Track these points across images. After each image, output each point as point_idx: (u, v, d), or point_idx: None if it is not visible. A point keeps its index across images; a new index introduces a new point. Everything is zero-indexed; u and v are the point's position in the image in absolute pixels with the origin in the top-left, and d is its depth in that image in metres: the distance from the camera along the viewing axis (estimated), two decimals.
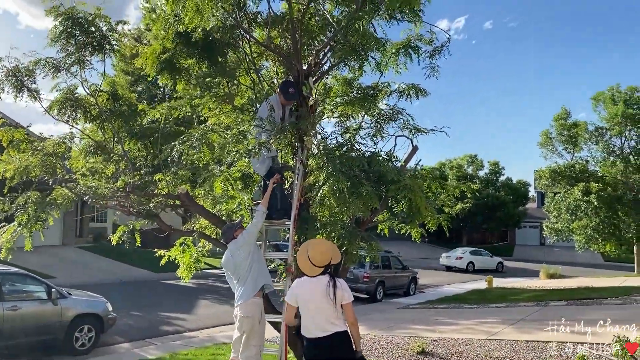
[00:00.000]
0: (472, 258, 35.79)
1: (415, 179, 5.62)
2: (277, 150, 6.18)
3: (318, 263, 4.23)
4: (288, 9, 6.19)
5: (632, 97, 30.63)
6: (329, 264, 4.25)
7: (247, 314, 5.46)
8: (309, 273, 4.29)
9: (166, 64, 6.93)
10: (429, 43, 7.39)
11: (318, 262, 4.23)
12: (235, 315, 5.59)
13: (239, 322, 5.50)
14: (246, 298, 5.49)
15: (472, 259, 35.64)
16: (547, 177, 32.41)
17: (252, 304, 5.50)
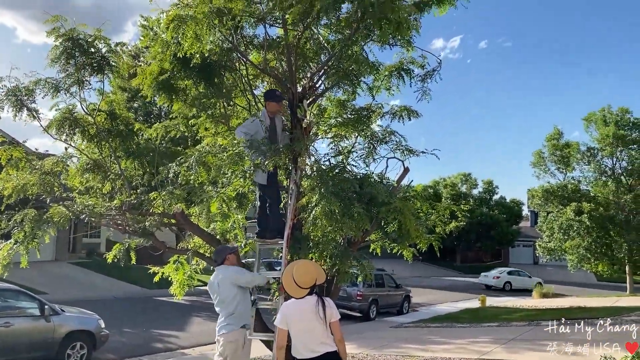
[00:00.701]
0: (510, 278, 36.21)
1: (406, 201, 5.75)
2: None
3: (303, 284, 4.31)
4: (284, 34, 6.36)
5: (623, 118, 31.08)
6: (314, 285, 4.33)
7: (229, 339, 5.54)
8: (295, 295, 4.37)
9: (163, 84, 7.06)
10: (421, 67, 7.58)
11: (303, 283, 4.31)
12: (217, 339, 5.66)
13: (222, 346, 5.57)
14: (228, 330, 5.57)
15: (509, 279, 36.07)
16: (540, 196, 32.70)
17: (236, 333, 5.57)
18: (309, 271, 4.36)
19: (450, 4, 7.06)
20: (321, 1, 5.05)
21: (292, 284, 4.34)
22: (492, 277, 36.54)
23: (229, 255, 5.84)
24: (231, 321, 5.57)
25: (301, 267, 4.43)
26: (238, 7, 5.64)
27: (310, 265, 4.52)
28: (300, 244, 5.91)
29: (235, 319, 5.57)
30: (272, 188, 6.29)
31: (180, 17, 5.44)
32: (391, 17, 5.07)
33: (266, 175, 6.07)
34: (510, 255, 58.70)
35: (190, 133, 7.35)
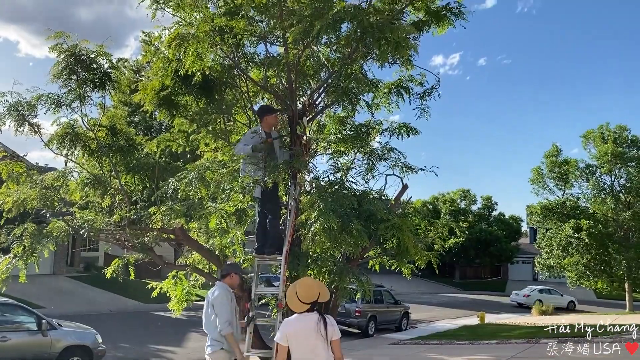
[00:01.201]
0: (540, 296, 35.55)
1: (405, 219, 5.77)
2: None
3: (304, 299, 4.31)
4: (284, 53, 6.44)
5: (621, 135, 31.23)
6: (316, 301, 4.32)
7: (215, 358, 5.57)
8: (296, 309, 4.36)
9: (164, 100, 7.13)
10: (419, 84, 7.67)
11: (304, 297, 4.31)
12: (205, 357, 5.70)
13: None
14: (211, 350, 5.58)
15: (540, 297, 35.38)
16: (539, 213, 32.71)
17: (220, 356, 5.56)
18: (312, 287, 4.36)
19: (449, 24, 7.15)
20: (321, 21, 5.12)
21: (294, 297, 4.34)
22: (523, 295, 35.92)
23: (233, 274, 5.81)
24: (212, 342, 5.59)
25: (305, 282, 4.43)
26: (239, 26, 5.71)
27: (314, 281, 4.52)
28: (299, 260, 5.91)
29: (218, 340, 5.56)
30: (272, 204, 6.31)
31: (182, 35, 5.51)
32: (390, 38, 5.14)
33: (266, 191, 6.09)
34: (510, 271, 58.52)
35: (190, 148, 7.39)
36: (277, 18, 5.83)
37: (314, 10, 5.37)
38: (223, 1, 6.28)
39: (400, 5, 6.94)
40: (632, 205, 30.78)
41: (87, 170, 6.95)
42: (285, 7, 5.78)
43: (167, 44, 5.66)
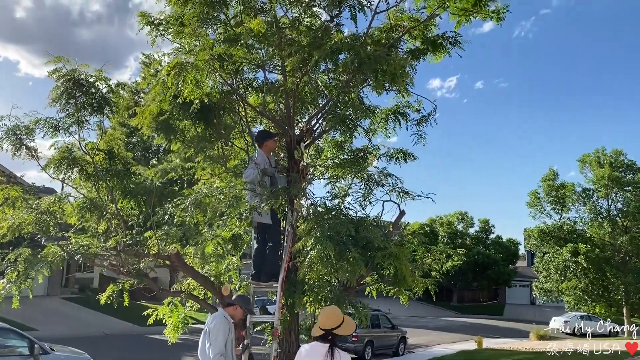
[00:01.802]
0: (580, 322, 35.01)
1: (402, 247, 5.75)
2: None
3: (321, 324, 4.21)
4: (283, 80, 6.49)
5: (617, 160, 31.41)
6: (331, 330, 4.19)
7: None
8: (313, 332, 4.30)
9: (162, 124, 7.14)
10: (416, 111, 7.72)
11: (322, 323, 4.21)
12: None
13: None
14: None
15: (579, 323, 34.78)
16: (536, 236, 32.71)
17: None
18: (331, 315, 4.24)
19: (446, 53, 7.24)
20: (319, 52, 5.18)
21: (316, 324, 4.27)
22: (562, 322, 35.35)
23: (239, 307, 5.67)
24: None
25: (328, 309, 4.35)
26: (239, 54, 5.76)
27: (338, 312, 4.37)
28: (295, 287, 5.88)
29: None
30: (274, 230, 6.26)
31: (181, 64, 5.55)
32: (387, 69, 5.19)
33: (269, 216, 6.05)
34: (507, 295, 58.22)
35: (187, 176, 7.39)
36: (276, 47, 5.89)
37: (312, 39, 5.43)
38: (222, 29, 6.35)
39: (397, 33, 7.03)
40: (629, 230, 30.81)
41: (83, 195, 6.92)
42: (284, 36, 5.85)
43: (166, 72, 5.69)
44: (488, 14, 7.39)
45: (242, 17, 6.13)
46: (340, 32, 5.99)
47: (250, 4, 6.20)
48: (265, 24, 5.51)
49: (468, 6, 7.28)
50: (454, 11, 7.33)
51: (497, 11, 7.32)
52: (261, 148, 6.42)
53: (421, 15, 7.24)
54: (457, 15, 7.39)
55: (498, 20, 7.43)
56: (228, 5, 6.17)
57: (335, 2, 5.58)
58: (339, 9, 5.78)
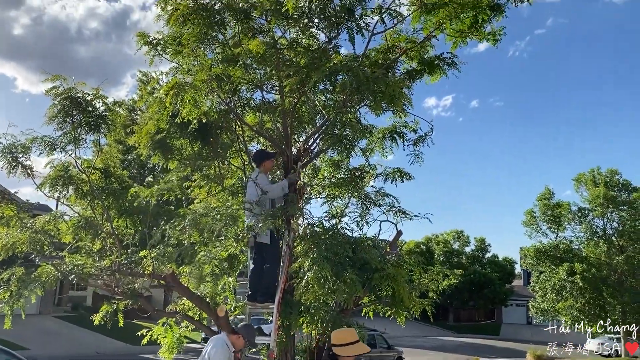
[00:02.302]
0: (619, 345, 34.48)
1: (399, 268, 5.71)
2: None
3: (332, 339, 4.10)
4: (280, 100, 6.51)
5: (612, 179, 31.51)
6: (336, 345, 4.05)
7: None
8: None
9: (159, 143, 7.13)
10: (413, 131, 7.75)
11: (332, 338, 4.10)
12: None
13: None
14: None
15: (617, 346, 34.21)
16: (532, 256, 32.59)
17: None
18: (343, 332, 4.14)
19: (442, 74, 7.29)
20: (317, 73, 5.20)
21: None
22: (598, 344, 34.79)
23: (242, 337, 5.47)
24: None
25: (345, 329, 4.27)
26: (237, 74, 5.78)
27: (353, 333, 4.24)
28: (292, 308, 5.81)
29: None
30: (273, 250, 6.20)
31: (180, 84, 5.56)
32: (385, 91, 5.21)
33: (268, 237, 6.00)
34: (504, 314, 57.90)
35: (184, 196, 7.36)
36: (274, 67, 5.91)
37: (310, 60, 5.46)
38: (221, 49, 6.38)
39: (394, 54, 7.08)
40: (625, 249, 30.77)
41: (79, 214, 6.88)
42: (282, 57, 5.88)
43: (164, 92, 5.70)
44: (484, 36, 7.45)
45: (241, 37, 6.16)
46: (338, 54, 6.03)
47: (249, 25, 6.24)
48: (264, 45, 5.54)
49: (464, 28, 7.35)
50: (450, 33, 7.39)
51: (493, 33, 7.38)
52: (259, 168, 6.40)
53: (418, 37, 7.30)
54: (454, 36, 7.46)
55: (494, 41, 7.49)
56: (226, 25, 6.21)
57: (334, 24, 5.63)
58: (337, 30, 5.83)
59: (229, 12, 6.12)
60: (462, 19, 7.17)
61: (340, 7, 5.61)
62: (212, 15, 5.96)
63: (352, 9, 5.60)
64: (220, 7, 6.19)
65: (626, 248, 30.90)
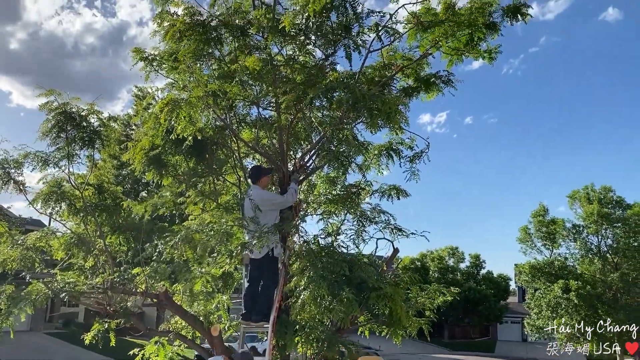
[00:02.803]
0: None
1: (397, 287, 5.63)
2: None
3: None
4: (277, 117, 6.48)
5: (605, 196, 31.62)
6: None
7: None
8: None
9: (153, 159, 7.05)
10: (409, 147, 7.73)
11: None
12: None
13: None
14: None
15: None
16: (527, 272, 32.53)
17: None
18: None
19: (438, 91, 7.30)
20: (313, 90, 5.17)
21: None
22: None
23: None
24: None
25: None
26: (233, 91, 5.74)
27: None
28: (287, 328, 5.72)
29: None
30: (270, 267, 6.11)
31: (175, 100, 5.52)
32: (382, 108, 5.19)
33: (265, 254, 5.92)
34: (499, 331, 57.58)
35: (179, 211, 7.27)
36: (271, 84, 5.89)
37: (306, 77, 5.44)
38: (217, 65, 6.36)
39: (390, 72, 7.08)
40: (620, 266, 30.79)
41: (71, 230, 6.78)
42: (278, 74, 5.85)
43: (159, 108, 5.64)
44: (480, 54, 7.48)
45: (237, 54, 6.15)
46: (335, 71, 6.02)
47: (245, 42, 6.22)
48: (260, 62, 5.52)
49: (460, 46, 7.37)
50: (446, 50, 7.42)
51: (489, 51, 7.41)
52: (256, 184, 6.33)
53: (414, 55, 7.32)
54: (450, 54, 7.49)
55: (490, 59, 7.51)
56: (223, 42, 6.19)
57: (330, 41, 5.63)
58: (334, 47, 5.82)
59: (226, 28, 6.11)
60: (458, 37, 7.20)
61: (337, 24, 5.61)
62: (209, 32, 5.95)
63: (349, 26, 5.60)
64: (217, 23, 6.19)
65: (621, 265, 30.92)
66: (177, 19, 6.06)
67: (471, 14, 7.07)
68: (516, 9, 7.22)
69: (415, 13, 7.12)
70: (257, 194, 6.10)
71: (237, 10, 6.28)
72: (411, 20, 7.11)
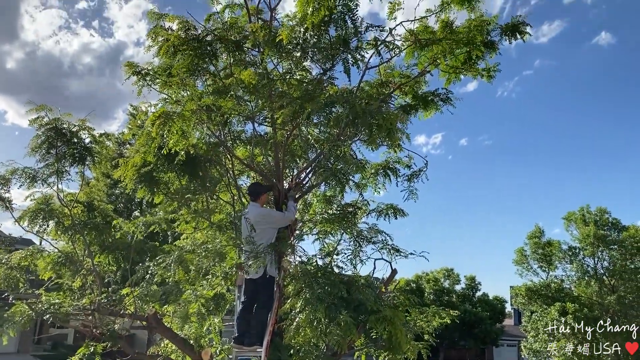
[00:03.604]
0: None
1: (396, 310, 5.41)
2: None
3: None
4: (272, 133, 6.33)
5: (601, 218, 31.54)
6: None
7: None
8: None
9: (145, 176, 6.86)
10: (407, 166, 7.60)
11: None
12: None
13: None
14: None
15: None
16: (524, 295, 32.24)
17: None
18: None
19: (436, 109, 7.21)
20: (311, 105, 5.02)
21: None
22: None
23: None
24: None
25: None
26: (227, 105, 5.59)
27: None
28: (281, 352, 5.49)
29: None
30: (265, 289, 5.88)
31: (167, 114, 5.36)
32: (382, 124, 5.04)
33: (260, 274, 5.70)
34: (495, 354, 56.93)
35: (171, 230, 7.07)
36: (267, 99, 5.74)
37: (303, 92, 5.30)
38: (212, 80, 6.23)
39: (388, 89, 6.98)
40: (617, 289, 30.57)
41: (58, 249, 6.56)
42: (275, 88, 5.71)
43: (151, 122, 5.48)
44: (478, 72, 7.41)
45: (232, 69, 6.02)
46: (334, 85, 5.88)
47: (241, 57, 6.10)
48: (256, 75, 5.38)
49: (458, 64, 7.31)
50: (444, 69, 7.35)
51: (488, 69, 7.34)
52: (256, 201, 6.14)
53: (412, 72, 7.24)
54: (448, 72, 7.41)
55: (489, 78, 7.44)
56: (218, 57, 6.06)
57: (328, 56, 5.49)
58: (332, 62, 5.69)
59: (221, 43, 5.99)
60: (456, 54, 7.14)
61: (336, 38, 5.48)
62: (204, 47, 5.82)
63: (348, 40, 5.47)
64: (212, 38, 6.07)
65: (617, 287, 30.69)
66: (171, 34, 5.94)
67: (469, 32, 7.02)
68: (515, 28, 7.18)
69: (413, 31, 7.06)
70: (255, 211, 5.92)
71: (232, 26, 6.18)
72: (409, 37, 7.05)
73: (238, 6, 6.39)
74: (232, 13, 6.38)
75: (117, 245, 6.66)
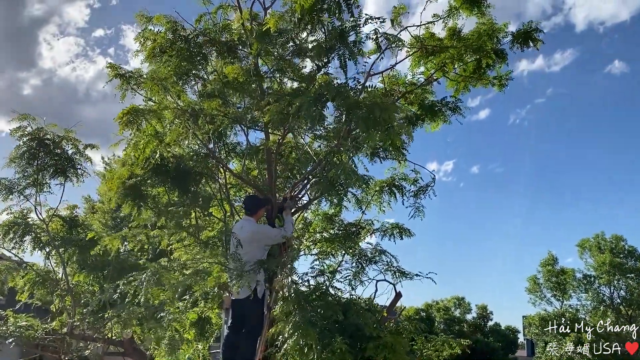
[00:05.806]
0: None
1: (399, 335, 4.80)
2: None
3: None
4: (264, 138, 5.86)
5: (617, 245, 30.66)
6: None
7: None
8: None
9: (131, 190, 6.37)
10: (413, 183, 7.10)
11: None
12: None
13: None
14: None
15: None
16: (537, 324, 31.23)
17: None
18: None
19: (444, 120, 6.75)
20: (301, 98, 4.51)
21: None
22: None
23: None
24: None
25: None
26: (212, 106, 5.12)
27: None
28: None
29: None
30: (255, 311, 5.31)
31: (137, 110, 4.89)
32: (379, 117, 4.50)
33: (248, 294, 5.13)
34: None
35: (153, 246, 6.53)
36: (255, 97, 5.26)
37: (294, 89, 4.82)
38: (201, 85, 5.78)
39: (392, 98, 6.52)
40: (634, 319, 29.47)
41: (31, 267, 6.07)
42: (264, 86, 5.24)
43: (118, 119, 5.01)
44: (489, 81, 6.96)
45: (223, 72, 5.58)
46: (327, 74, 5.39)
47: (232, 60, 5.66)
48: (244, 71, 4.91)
49: (467, 73, 6.87)
50: (452, 78, 6.90)
51: (499, 77, 6.88)
52: (253, 216, 5.60)
53: (418, 80, 6.80)
54: (456, 82, 6.96)
55: (500, 87, 6.98)
56: (208, 59, 5.63)
57: (324, 50, 5.00)
58: (328, 57, 5.20)
59: (212, 45, 5.56)
60: (464, 61, 6.70)
61: (332, 31, 4.99)
62: (192, 48, 5.39)
63: (345, 33, 4.99)
64: (203, 40, 5.65)
65: (635, 318, 29.62)
66: (158, 34, 5.53)
67: (479, 38, 6.58)
68: (527, 35, 6.74)
69: (419, 37, 6.63)
70: (250, 228, 5.38)
71: (225, 28, 5.77)
72: (415, 44, 6.62)
73: (231, 7, 5.98)
74: (225, 15, 5.96)
75: (97, 263, 6.14)
